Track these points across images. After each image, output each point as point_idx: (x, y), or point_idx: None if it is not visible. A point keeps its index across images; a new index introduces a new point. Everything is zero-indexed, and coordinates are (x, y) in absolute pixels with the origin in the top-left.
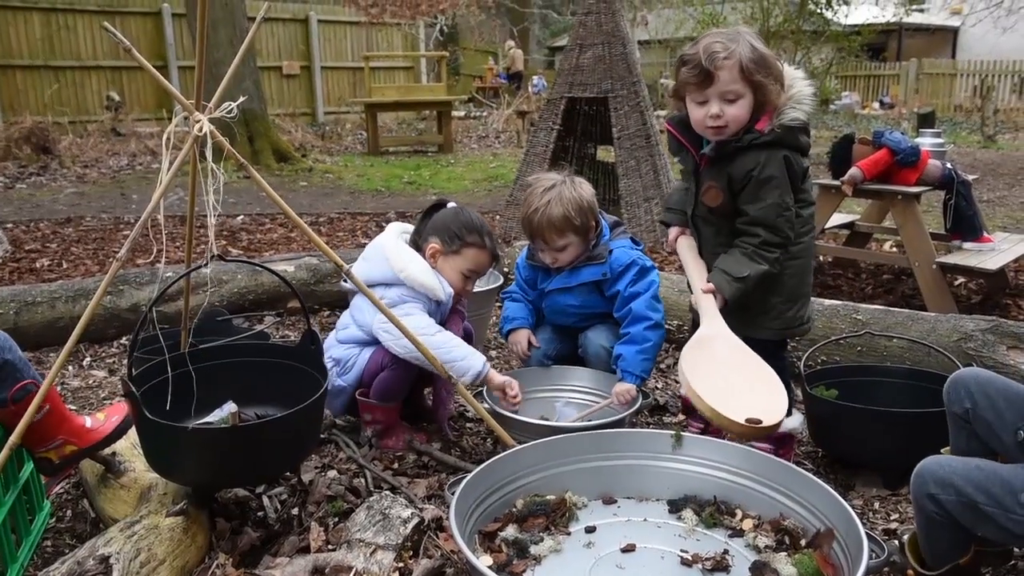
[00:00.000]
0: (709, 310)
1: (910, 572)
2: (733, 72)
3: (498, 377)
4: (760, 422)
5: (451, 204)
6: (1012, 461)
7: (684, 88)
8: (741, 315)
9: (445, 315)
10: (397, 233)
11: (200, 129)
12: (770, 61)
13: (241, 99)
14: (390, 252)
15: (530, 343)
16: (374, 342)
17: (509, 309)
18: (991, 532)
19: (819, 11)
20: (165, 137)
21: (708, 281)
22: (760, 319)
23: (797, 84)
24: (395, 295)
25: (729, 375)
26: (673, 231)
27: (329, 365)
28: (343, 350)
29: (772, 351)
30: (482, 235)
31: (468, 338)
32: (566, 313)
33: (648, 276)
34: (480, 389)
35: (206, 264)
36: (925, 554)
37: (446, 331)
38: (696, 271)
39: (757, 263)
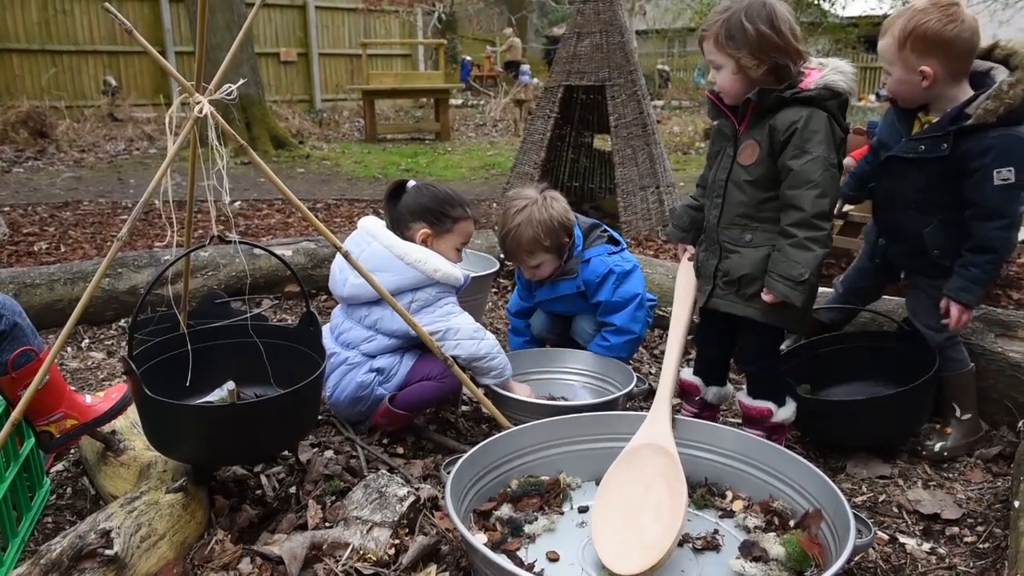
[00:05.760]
0: (659, 408)
1: None
2: (709, 43)
3: (517, 386)
4: None
5: (411, 183)
6: None
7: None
8: (737, 290)
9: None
10: (385, 229)
11: (200, 111)
12: (770, 31)
13: (241, 81)
14: (413, 256)
15: None
16: (409, 347)
17: (511, 337)
18: None
19: (816, 3)
20: (168, 117)
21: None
22: (758, 300)
23: (833, 62)
24: (428, 296)
25: (645, 497)
26: (686, 252)
27: (371, 377)
28: (385, 360)
29: (764, 343)
30: (464, 206)
31: None
32: (558, 315)
33: (628, 283)
34: None
35: (210, 243)
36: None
37: (490, 334)
38: (676, 338)
39: (811, 250)
